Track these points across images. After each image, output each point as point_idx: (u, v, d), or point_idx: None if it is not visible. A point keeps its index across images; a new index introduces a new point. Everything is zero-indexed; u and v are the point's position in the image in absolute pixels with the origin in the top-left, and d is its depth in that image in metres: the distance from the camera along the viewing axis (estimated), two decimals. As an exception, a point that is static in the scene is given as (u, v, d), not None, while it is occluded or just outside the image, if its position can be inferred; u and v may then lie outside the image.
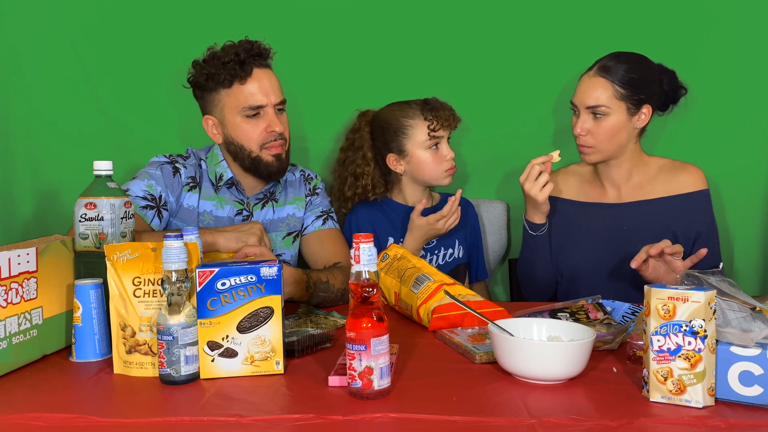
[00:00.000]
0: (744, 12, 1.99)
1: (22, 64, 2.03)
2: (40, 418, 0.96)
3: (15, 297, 1.13)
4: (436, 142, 1.87)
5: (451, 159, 1.88)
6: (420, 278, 1.48)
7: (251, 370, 1.12)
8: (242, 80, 1.62)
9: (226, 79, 1.61)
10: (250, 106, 1.62)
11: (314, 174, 1.90)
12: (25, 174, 2.06)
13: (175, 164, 1.70)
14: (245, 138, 1.65)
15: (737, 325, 0.99)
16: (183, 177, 1.70)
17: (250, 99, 1.62)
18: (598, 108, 1.66)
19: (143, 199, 1.63)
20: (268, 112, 1.64)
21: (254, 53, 1.62)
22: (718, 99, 2.02)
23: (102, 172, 1.31)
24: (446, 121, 1.86)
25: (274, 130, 1.64)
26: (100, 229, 1.27)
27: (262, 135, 1.65)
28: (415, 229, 1.82)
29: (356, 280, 1.02)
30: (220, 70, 1.61)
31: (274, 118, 1.65)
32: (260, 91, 1.63)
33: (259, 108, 1.63)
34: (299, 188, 1.85)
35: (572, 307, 1.38)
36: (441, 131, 1.86)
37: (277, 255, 1.78)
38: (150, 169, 1.69)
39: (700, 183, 1.75)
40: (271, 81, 1.66)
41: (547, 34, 2.05)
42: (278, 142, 1.67)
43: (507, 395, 1.03)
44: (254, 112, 1.63)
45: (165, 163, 1.70)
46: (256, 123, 1.64)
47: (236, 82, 1.62)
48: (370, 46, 2.07)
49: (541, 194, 1.65)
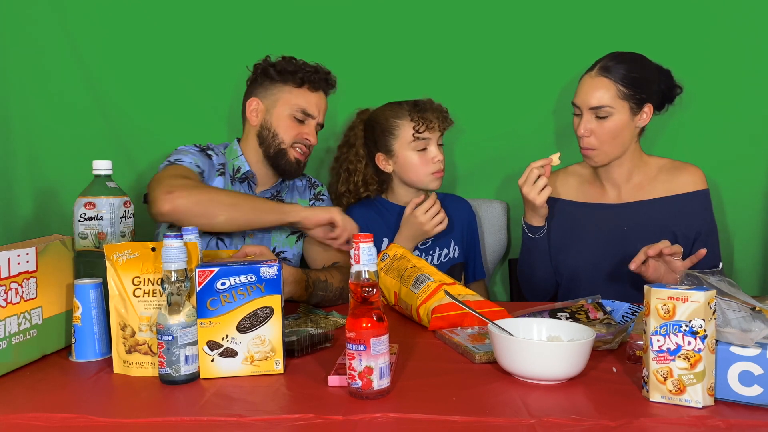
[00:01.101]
0: (744, 12, 1.99)
1: (22, 64, 2.03)
2: (40, 418, 0.96)
3: (15, 297, 1.13)
4: (424, 145, 1.85)
5: (439, 162, 1.85)
6: (420, 278, 1.48)
7: (251, 369, 1.12)
8: (310, 89, 1.77)
9: (300, 79, 1.75)
10: (304, 110, 1.76)
11: (320, 183, 1.96)
12: (25, 174, 2.06)
13: (207, 151, 1.77)
14: (284, 130, 1.75)
15: (737, 325, 0.99)
16: (215, 162, 1.77)
17: (308, 106, 1.76)
18: (601, 108, 1.65)
19: (197, 167, 1.68)
20: (311, 123, 1.78)
21: (330, 80, 1.81)
22: (718, 99, 2.02)
23: (101, 172, 1.31)
24: (431, 123, 1.84)
25: (308, 139, 1.77)
26: (99, 228, 1.27)
27: (298, 135, 1.76)
28: (403, 225, 1.83)
29: (356, 280, 1.02)
30: (300, 71, 1.75)
31: (314, 131, 1.79)
32: (317, 105, 1.78)
33: (308, 117, 1.77)
34: (304, 192, 1.91)
35: (572, 307, 1.38)
36: (427, 133, 1.84)
37: (278, 252, 1.79)
38: (188, 148, 1.74)
39: (700, 183, 1.75)
40: (325, 106, 1.83)
41: (548, 35, 2.05)
42: (306, 150, 1.79)
43: (507, 395, 1.03)
44: (302, 118, 1.76)
45: (199, 150, 1.75)
46: (299, 126, 1.76)
47: (305, 87, 1.76)
48: (371, 47, 2.07)
49: (539, 198, 1.65)
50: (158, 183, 1.55)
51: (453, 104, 1.98)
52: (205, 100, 2.07)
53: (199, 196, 1.54)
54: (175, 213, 1.50)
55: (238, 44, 2.03)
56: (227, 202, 1.57)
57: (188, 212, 1.50)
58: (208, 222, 1.54)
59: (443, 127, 1.88)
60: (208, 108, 2.08)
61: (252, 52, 1.83)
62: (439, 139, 1.88)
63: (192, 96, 2.07)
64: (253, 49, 1.84)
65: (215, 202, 1.55)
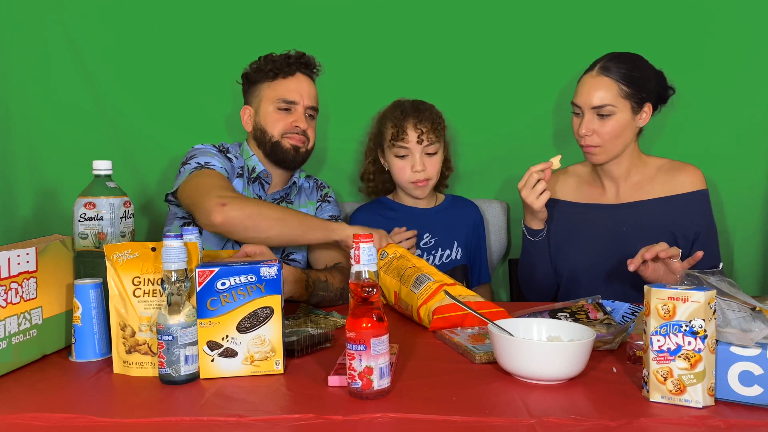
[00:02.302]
0: (744, 12, 1.99)
1: (22, 64, 2.03)
2: (40, 418, 0.96)
3: (15, 297, 1.13)
4: (404, 152, 1.83)
5: (418, 173, 1.82)
6: (420, 278, 1.47)
7: (251, 370, 1.12)
8: (285, 76, 1.76)
9: (272, 71, 1.75)
10: (284, 99, 1.75)
11: (327, 185, 1.97)
12: (25, 174, 2.06)
13: (227, 154, 1.77)
14: (271, 125, 1.76)
15: (737, 325, 0.98)
16: (236, 165, 1.77)
17: (286, 93, 1.75)
18: (604, 108, 1.65)
19: (225, 171, 1.69)
20: (298, 110, 1.76)
21: (303, 61, 1.78)
22: (717, 99, 2.02)
23: (101, 172, 1.31)
24: (405, 135, 1.80)
25: (298, 125, 1.76)
26: (99, 228, 1.27)
27: (287, 126, 1.76)
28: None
29: (356, 280, 1.02)
30: (270, 65, 1.76)
31: (302, 116, 1.77)
32: (297, 90, 1.76)
33: (292, 104, 1.76)
34: (312, 194, 1.92)
35: (572, 307, 1.38)
36: (402, 143, 1.82)
37: (287, 254, 1.80)
38: (207, 148, 1.74)
39: (699, 183, 1.75)
40: (309, 87, 1.80)
41: (547, 35, 2.05)
42: (299, 137, 1.77)
43: (507, 395, 1.03)
44: (286, 107, 1.75)
45: (218, 151, 1.75)
46: (285, 116, 1.76)
47: (279, 77, 1.76)
48: (371, 47, 2.08)
49: (537, 202, 1.65)
50: (208, 192, 1.54)
51: (453, 104, 1.98)
52: (205, 100, 2.07)
53: (251, 209, 1.53)
54: (227, 225, 1.50)
55: (238, 46, 2.03)
56: (275, 217, 1.56)
57: (239, 225, 1.51)
58: (258, 236, 1.52)
59: (421, 139, 1.82)
60: (208, 109, 2.08)
61: (252, 53, 1.83)
62: (429, 148, 1.84)
63: (192, 97, 2.08)
64: (253, 51, 1.84)
65: (265, 216, 1.54)
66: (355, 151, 2.13)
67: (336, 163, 2.15)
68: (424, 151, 1.84)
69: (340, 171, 2.15)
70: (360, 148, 2.11)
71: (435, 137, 1.84)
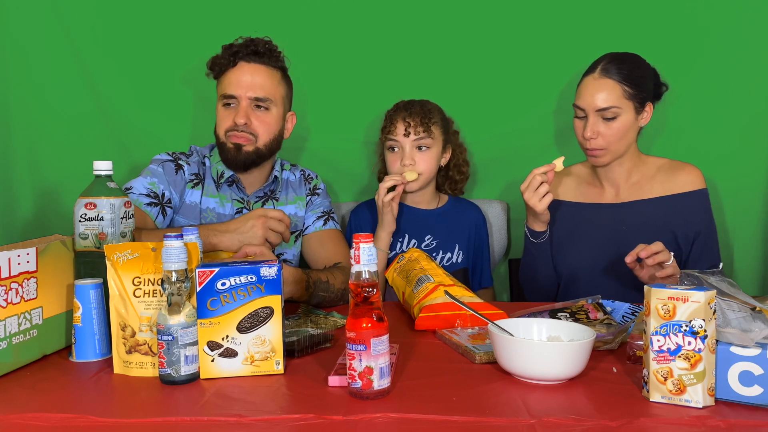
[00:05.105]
0: (744, 12, 1.99)
1: (23, 64, 2.03)
2: (40, 418, 0.96)
3: (15, 297, 1.13)
4: (392, 145, 1.84)
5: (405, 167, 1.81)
6: (421, 279, 1.48)
7: (251, 370, 1.12)
8: (225, 69, 1.68)
9: (217, 69, 1.70)
10: (224, 94, 1.68)
11: (315, 174, 1.92)
12: (25, 174, 2.06)
13: (178, 161, 1.72)
14: (218, 124, 1.72)
15: (737, 325, 0.99)
16: (186, 174, 1.72)
17: (226, 88, 1.68)
18: (609, 109, 1.65)
19: (147, 196, 1.64)
20: (239, 104, 1.67)
21: (250, 50, 1.67)
22: (717, 99, 2.02)
23: (102, 172, 1.31)
24: (394, 127, 1.81)
25: (235, 122, 1.66)
26: (100, 229, 1.27)
27: (229, 123, 1.68)
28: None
29: (356, 280, 1.02)
30: (211, 61, 1.70)
31: (242, 111, 1.66)
32: (236, 82, 1.66)
33: (231, 98, 1.67)
34: (300, 188, 1.87)
35: (572, 307, 1.38)
36: (392, 135, 1.83)
37: (278, 254, 1.79)
38: (152, 166, 1.71)
39: (699, 182, 1.75)
40: (254, 76, 1.67)
41: (548, 36, 2.05)
42: (242, 134, 1.67)
43: (507, 395, 1.03)
44: (228, 102, 1.68)
45: (167, 161, 1.71)
46: (229, 113, 1.68)
47: (225, 72, 1.69)
48: (372, 47, 2.07)
49: (540, 205, 1.65)
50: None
51: (454, 105, 1.98)
52: (205, 101, 2.07)
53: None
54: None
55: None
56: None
57: None
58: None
59: (408, 132, 1.81)
60: (208, 109, 2.08)
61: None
62: (418, 142, 1.81)
63: (192, 97, 2.07)
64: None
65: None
66: (357, 151, 2.13)
67: (337, 162, 2.14)
68: (413, 146, 1.82)
69: (342, 171, 2.14)
70: (362, 148, 2.11)
71: (423, 131, 1.81)
